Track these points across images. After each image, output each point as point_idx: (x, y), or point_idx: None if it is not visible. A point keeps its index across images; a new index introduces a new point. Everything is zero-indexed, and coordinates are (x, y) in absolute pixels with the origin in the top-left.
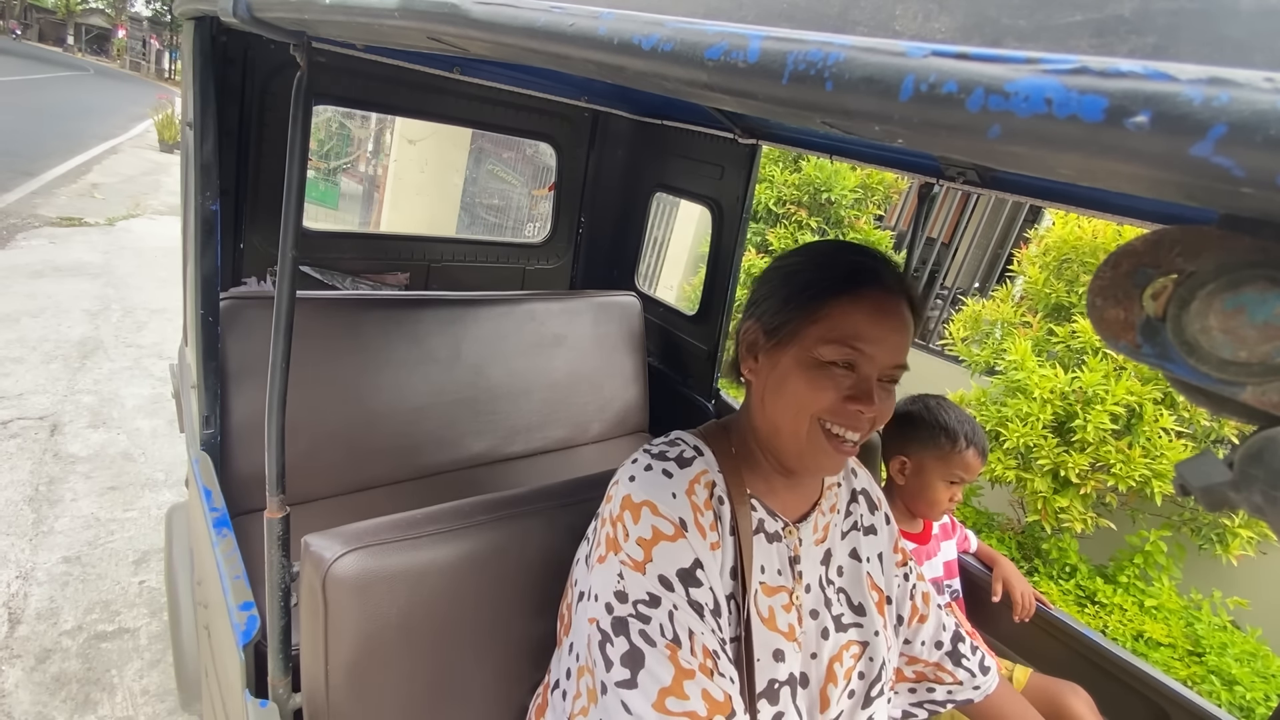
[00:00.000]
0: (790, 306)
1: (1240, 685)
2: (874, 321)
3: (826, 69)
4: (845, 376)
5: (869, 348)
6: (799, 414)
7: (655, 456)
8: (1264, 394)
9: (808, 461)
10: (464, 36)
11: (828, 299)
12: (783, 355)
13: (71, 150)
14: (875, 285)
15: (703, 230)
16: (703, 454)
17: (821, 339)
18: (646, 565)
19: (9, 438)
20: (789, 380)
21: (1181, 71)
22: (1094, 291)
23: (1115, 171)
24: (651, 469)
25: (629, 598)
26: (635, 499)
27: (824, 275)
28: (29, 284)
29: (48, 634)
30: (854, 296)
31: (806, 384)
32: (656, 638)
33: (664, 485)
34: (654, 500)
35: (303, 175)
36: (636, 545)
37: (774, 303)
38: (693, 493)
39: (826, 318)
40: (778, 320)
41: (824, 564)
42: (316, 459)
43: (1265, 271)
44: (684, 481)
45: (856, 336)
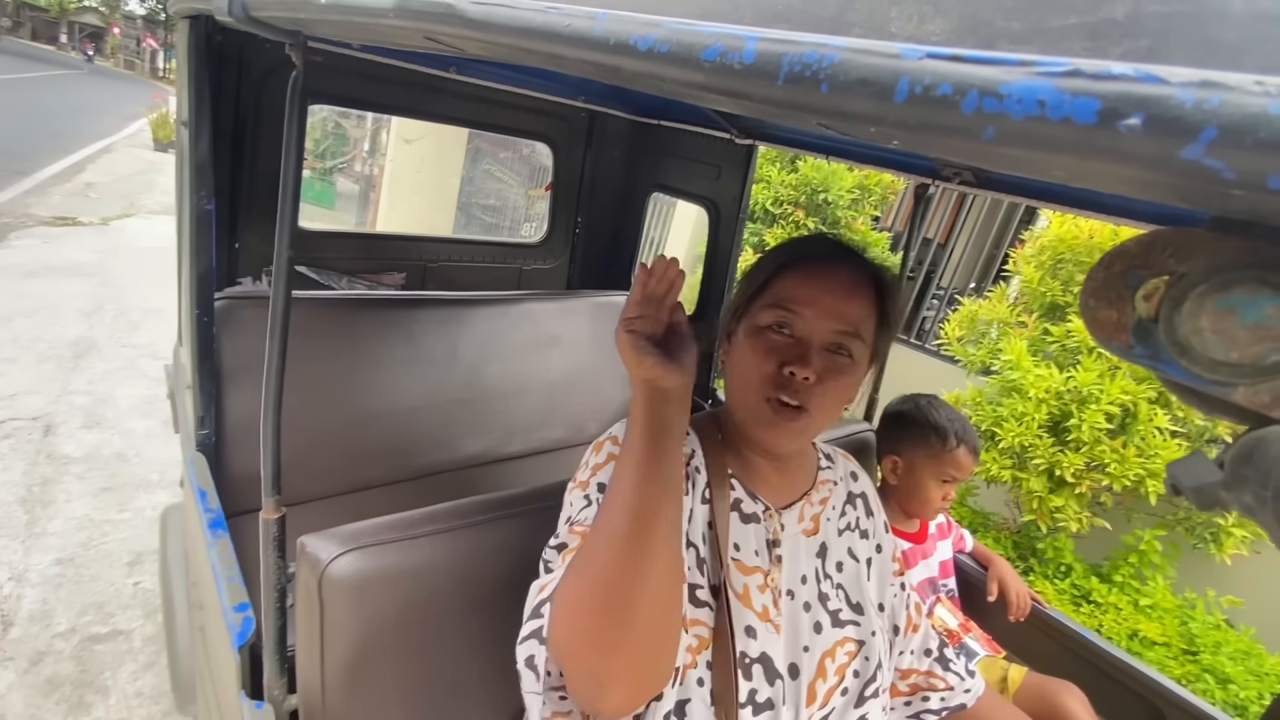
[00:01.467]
0: (746, 288)
1: (1234, 684)
2: (806, 282)
3: (822, 70)
4: (784, 343)
5: (802, 309)
6: (745, 385)
7: None
8: (1255, 394)
9: (758, 434)
10: (460, 36)
11: (771, 273)
12: (738, 332)
13: (65, 149)
14: (812, 253)
15: (700, 230)
16: (688, 435)
17: (760, 306)
18: (590, 480)
19: (2, 438)
20: (738, 352)
21: (1173, 74)
22: (1087, 292)
23: (1108, 173)
24: None
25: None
26: (602, 438)
27: (774, 255)
28: (22, 284)
29: (41, 636)
30: (793, 266)
31: (750, 351)
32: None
33: None
34: (618, 434)
35: (298, 175)
36: (590, 470)
37: (741, 289)
38: None
39: (768, 288)
40: (737, 301)
41: (820, 556)
42: (312, 459)
43: (1256, 273)
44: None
45: (789, 299)
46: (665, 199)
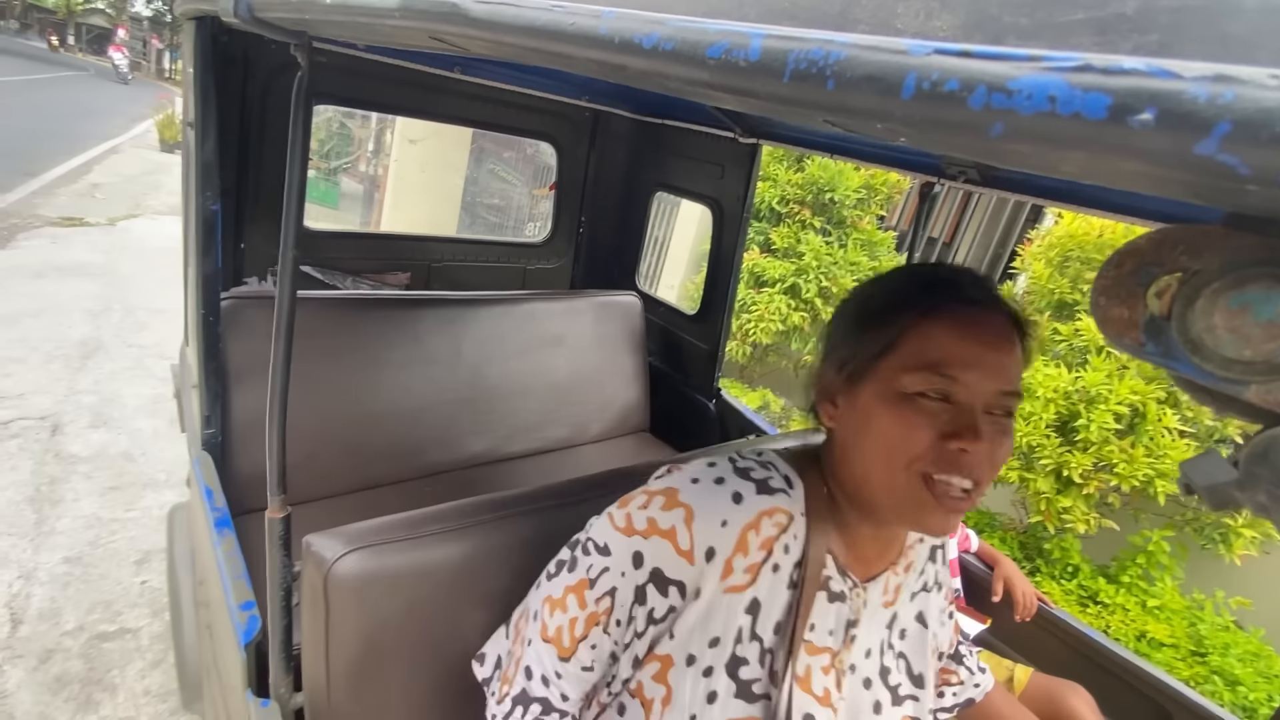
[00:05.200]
0: (863, 337)
1: (1243, 686)
2: (962, 340)
3: (828, 67)
4: (941, 410)
5: (962, 373)
6: (891, 461)
7: (737, 471)
8: (1268, 392)
9: (908, 519)
10: (465, 36)
11: (903, 321)
12: (861, 395)
13: (72, 150)
14: (956, 299)
15: (704, 229)
16: (792, 489)
17: (902, 368)
18: (634, 536)
19: (10, 438)
20: (873, 420)
21: (1186, 69)
22: (1098, 290)
23: (1119, 169)
24: (723, 482)
25: (590, 532)
26: (681, 496)
27: (896, 295)
28: (30, 284)
29: (49, 634)
30: (933, 314)
31: (894, 421)
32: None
33: (722, 506)
34: (696, 511)
35: (303, 175)
36: (645, 519)
37: (845, 336)
38: (754, 528)
39: (904, 343)
40: (850, 353)
41: (888, 627)
42: (318, 459)
43: (1270, 269)
44: (750, 512)
45: (944, 361)
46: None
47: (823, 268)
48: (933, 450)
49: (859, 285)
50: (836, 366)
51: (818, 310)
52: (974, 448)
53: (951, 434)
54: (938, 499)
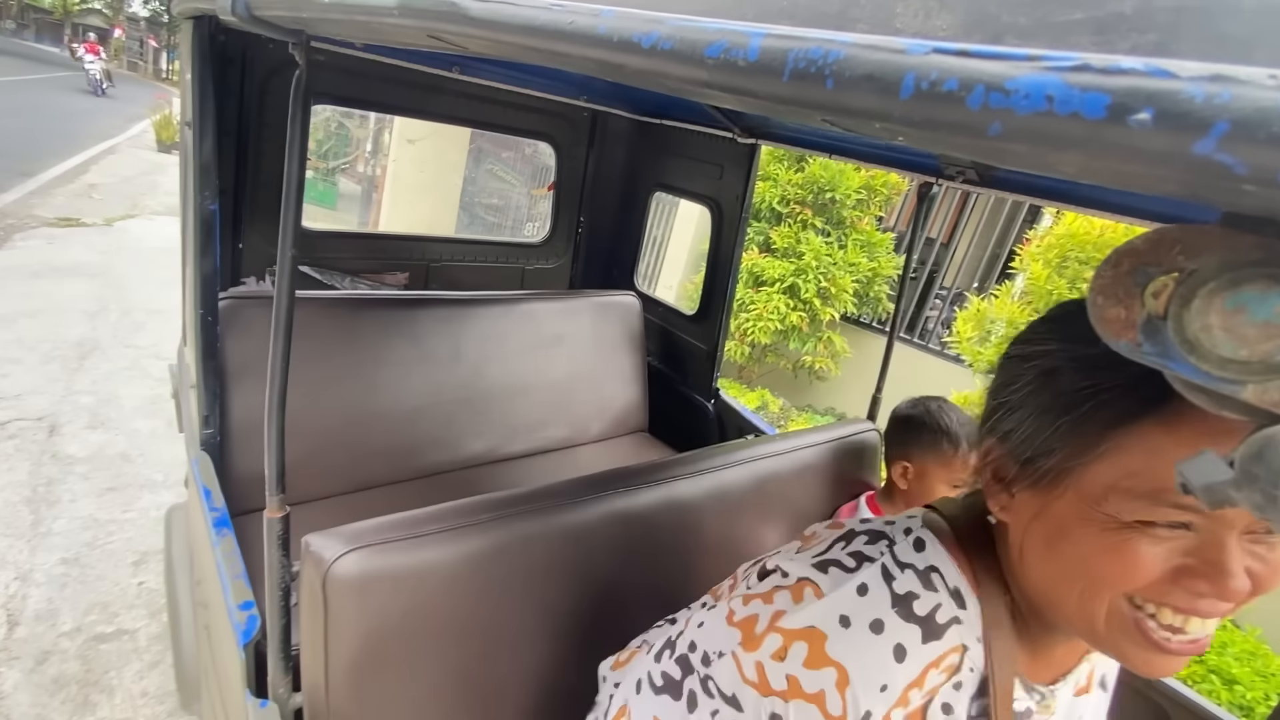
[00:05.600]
0: (1051, 430)
1: (1240, 684)
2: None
3: (827, 67)
4: (1175, 538)
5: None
6: (1094, 591)
7: (897, 602)
8: (1265, 392)
9: (1114, 654)
10: (463, 35)
11: (1115, 424)
12: (1055, 501)
13: (69, 150)
14: None
15: (702, 228)
16: (964, 609)
17: (1115, 488)
18: (772, 696)
19: (7, 439)
20: (1070, 541)
21: (1183, 69)
22: (1095, 290)
23: (1117, 169)
24: (883, 631)
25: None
26: (830, 650)
27: (1105, 378)
28: (27, 284)
29: (46, 635)
30: (1170, 418)
31: (1105, 552)
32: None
33: (883, 666)
34: (852, 674)
35: (301, 175)
36: (783, 676)
37: (1025, 419)
38: (918, 684)
39: (1117, 453)
40: (1033, 448)
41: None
42: (316, 459)
43: (1266, 270)
44: (916, 668)
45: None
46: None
47: (822, 268)
48: (1160, 588)
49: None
50: (1014, 455)
51: (816, 310)
52: (1222, 591)
53: (1190, 572)
54: (1158, 644)
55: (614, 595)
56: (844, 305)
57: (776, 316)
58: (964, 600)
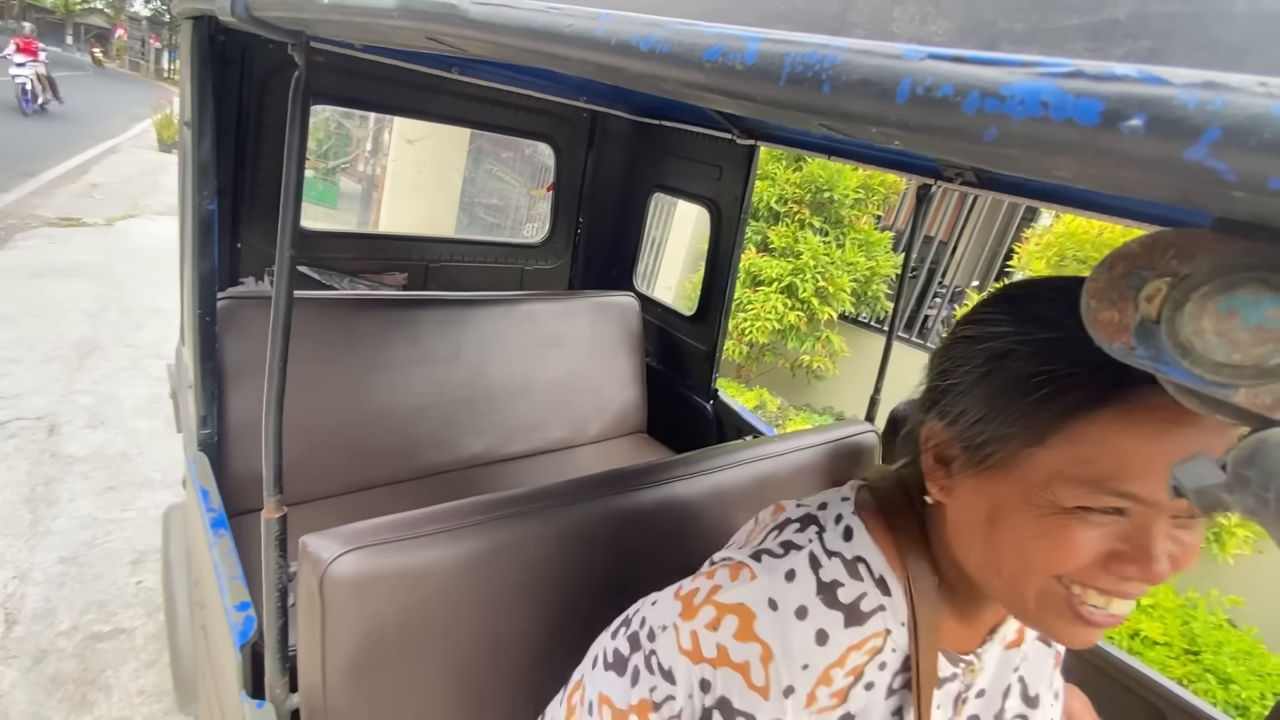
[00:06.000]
0: (1002, 417)
1: (1236, 684)
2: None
3: (823, 71)
4: (1108, 523)
5: (1142, 489)
6: (1025, 575)
7: (822, 589)
8: (1257, 396)
9: (1039, 628)
10: (462, 37)
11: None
12: (995, 484)
13: (70, 150)
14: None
15: (701, 228)
16: (889, 596)
17: (1059, 475)
18: (702, 664)
19: (7, 438)
20: (1009, 527)
21: (1176, 75)
22: (1089, 293)
23: (1110, 175)
24: (806, 616)
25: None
26: (757, 628)
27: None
28: (27, 284)
29: (44, 634)
30: (1126, 409)
31: (1043, 538)
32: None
33: (805, 648)
34: (775, 651)
35: (300, 175)
36: (714, 645)
37: (973, 403)
38: (840, 664)
39: (1067, 442)
40: (982, 434)
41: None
42: (314, 459)
43: (1259, 274)
44: (836, 651)
45: (1119, 475)
46: (666, 199)
47: (820, 267)
48: (1088, 571)
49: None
50: (959, 439)
51: (814, 309)
52: (1149, 577)
53: (1120, 557)
54: (1083, 619)
55: (613, 596)
56: (842, 304)
57: (774, 316)
58: (889, 588)
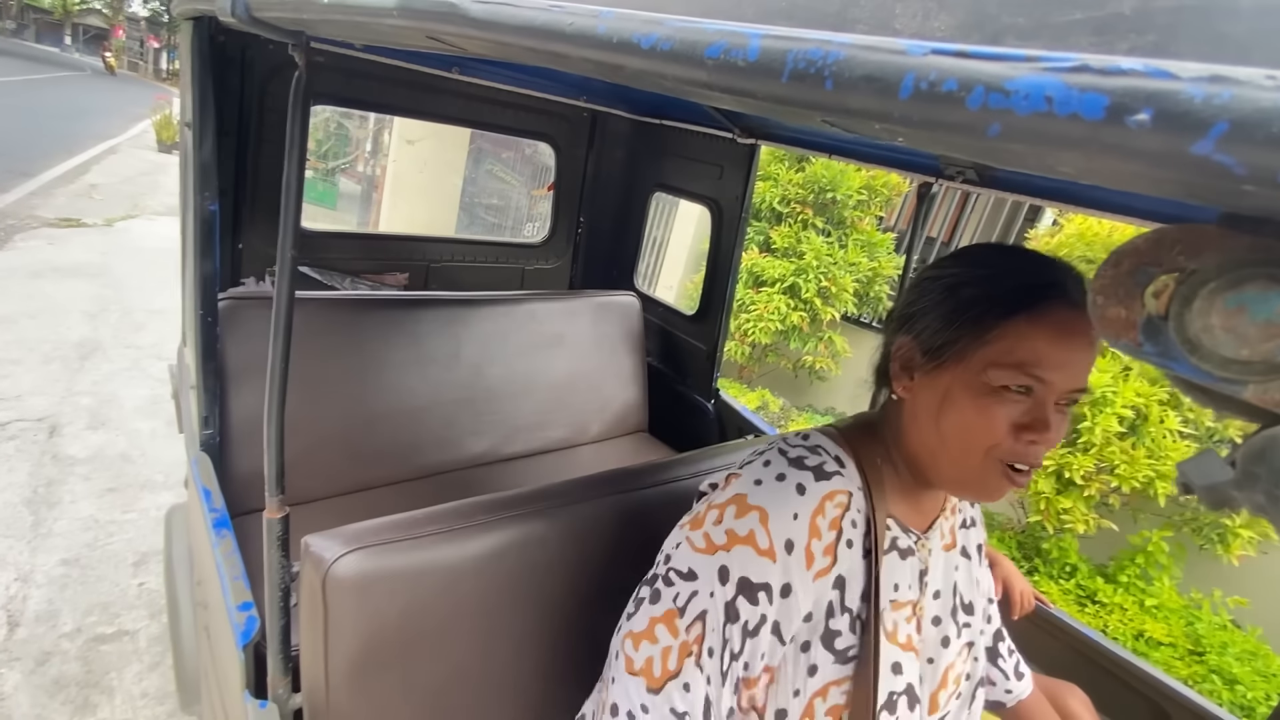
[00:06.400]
0: (954, 325)
1: (1241, 684)
2: (1057, 344)
3: (826, 67)
4: (1018, 402)
5: (1050, 374)
6: (967, 446)
7: (791, 462)
8: (1266, 392)
9: (968, 492)
10: (463, 36)
11: (1001, 319)
12: (944, 376)
13: (69, 151)
14: (1060, 301)
15: (702, 228)
16: (844, 468)
17: (992, 362)
18: (718, 551)
19: (7, 439)
20: (953, 406)
21: (1182, 69)
22: (1096, 290)
23: (1116, 170)
24: (785, 479)
25: (671, 561)
26: (751, 500)
27: (994, 290)
28: (27, 285)
29: (47, 636)
30: (1033, 316)
31: (975, 411)
32: (667, 600)
33: (789, 500)
34: (769, 510)
35: (301, 175)
36: (723, 532)
37: (933, 319)
38: (820, 512)
39: (999, 339)
40: (939, 339)
41: (955, 569)
42: (316, 459)
43: (1267, 270)
44: (815, 499)
45: (1036, 362)
46: (668, 198)
47: (823, 267)
48: (1006, 439)
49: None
50: (920, 345)
51: (816, 310)
52: (1045, 439)
53: (1026, 426)
54: (1007, 478)
55: (614, 596)
56: (844, 305)
57: (777, 316)
58: (843, 462)
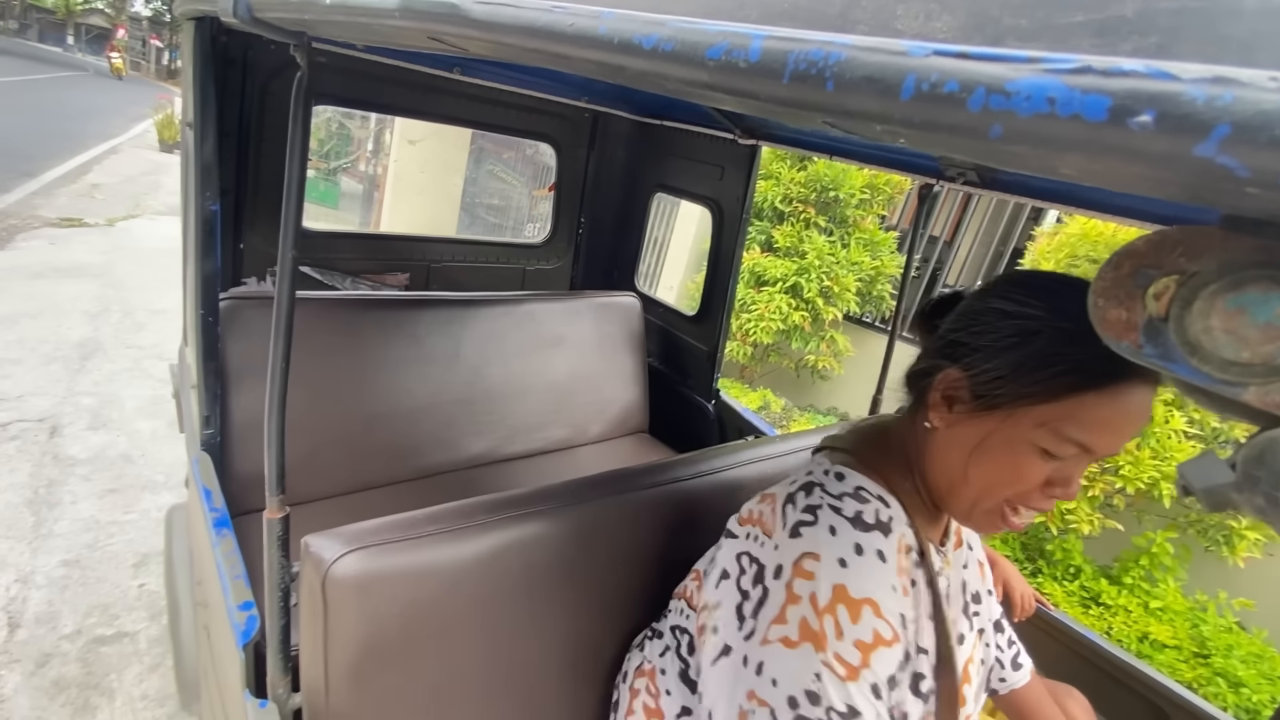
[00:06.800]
0: (1020, 379)
1: (1246, 687)
2: (1122, 424)
3: (827, 68)
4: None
5: (1102, 447)
6: (989, 491)
7: (854, 523)
8: (1266, 394)
9: (970, 524)
10: (464, 36)
11: (1074, 390)
12: (987, 422)
13: (71, 151)
14: (1140, 381)
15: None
16: (891, 507)
17: (1047, 425)
18: (861, 672)
19: (8, 440)
20: (989, 455)
21: (1185, 71)
22: (1096, 292)
23: (1118, 171)
24: (863, 551)
25: (823, 702)
26: (854, 593)
27: (1076, 354)
28: (28, 285)
29: (47, 638)
30: (1110, 393)
31: (1010, 465)
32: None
33: (882, 574)
34: (876, 599)
35: (303, 175)
36: (853, 648)
37: (997, 364)
38: (902, 572)
39: (1063, 406)
40: (998, 388)
41: (964, 567)
42: (316, 459)
43: (1267, 272)
44: (894, 560)
45: (1093, 441)
46: (668, 199)
47: (825, 267)
48: (1029, 494)
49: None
50: (972, 385)
51: (818, 309)
52: (1067, 496)
53: (1052, 484)
54: (1007, 522)
55: (614, 596)
56: (847, 304)
57: (779, 316)
58: (887, 500)
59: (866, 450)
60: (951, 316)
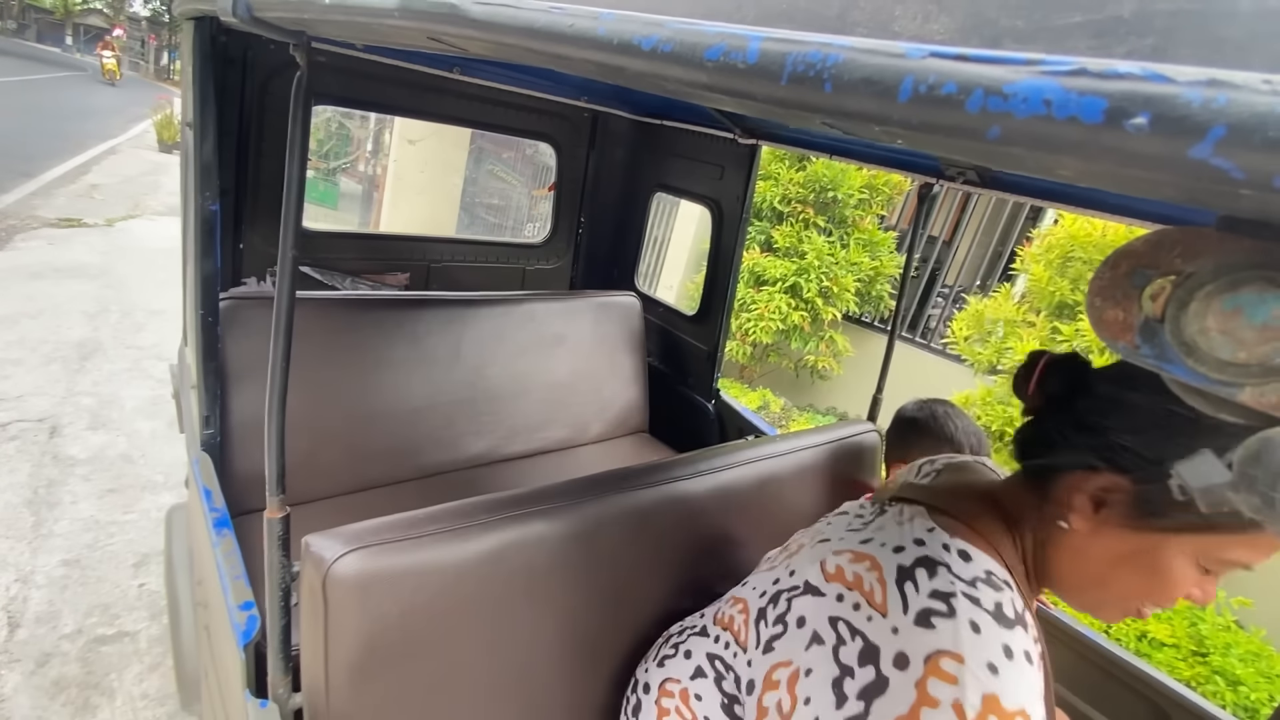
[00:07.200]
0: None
1: (1245, 685)
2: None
3: (825, 70)
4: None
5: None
6: (1128, 598)
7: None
8: (1262, 395)
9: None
10: (464, 36)
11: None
12: (1147, 539)
13: (70, 151)
14: None
15: (703, 228)
16: (1015, 593)
17: (1209, 553)
18: None
19: (8, 440)
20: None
21: (1180, 73)
22: (1093, 292)
23: (1114, 173)
24: (1013, 655)
25: None
26: (1007, 704)
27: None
28: (28, 285)
29: (47, 638)
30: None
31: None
32: None
33: (1033, 680)
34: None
35: (302, 175)
36: None
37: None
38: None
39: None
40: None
41: None
42: (317, 459)
43: (1263, 273)
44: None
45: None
46: (668, 198)
47: (824, 267)
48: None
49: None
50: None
51: (818, 309)
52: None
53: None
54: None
55: (614, 596)
56: (846, 304)
57: (778, 316)
58: (1010, 583)
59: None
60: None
